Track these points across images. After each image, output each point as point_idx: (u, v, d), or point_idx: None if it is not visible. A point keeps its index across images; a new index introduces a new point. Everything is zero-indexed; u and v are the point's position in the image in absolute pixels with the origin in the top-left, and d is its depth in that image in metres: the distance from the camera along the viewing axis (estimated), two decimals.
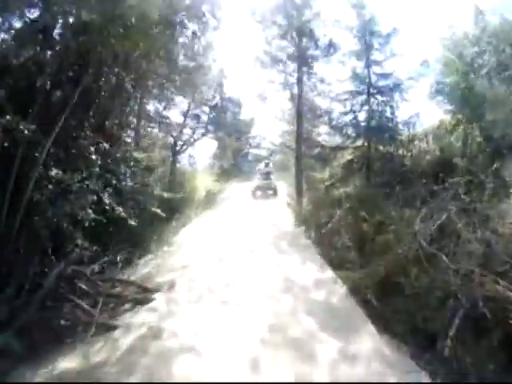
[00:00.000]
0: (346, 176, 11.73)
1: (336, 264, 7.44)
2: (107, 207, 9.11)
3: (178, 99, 20.08)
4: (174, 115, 20.46)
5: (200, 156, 25.09)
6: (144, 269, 7.71)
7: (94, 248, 8.26)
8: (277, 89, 13.68)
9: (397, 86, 13.09)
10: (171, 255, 8.61)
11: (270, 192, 17.65)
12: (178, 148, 19.59)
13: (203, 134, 20.97)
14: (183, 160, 21.15)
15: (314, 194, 12.48)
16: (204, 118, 21.15)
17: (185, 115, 20.01)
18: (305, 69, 13.15)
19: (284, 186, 17.69)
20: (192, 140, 20.79)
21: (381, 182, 10.13)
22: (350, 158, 12.48)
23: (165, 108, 19.80)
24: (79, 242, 7.96)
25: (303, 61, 12.99)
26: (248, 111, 28.53)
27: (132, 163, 11.78)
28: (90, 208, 8.12)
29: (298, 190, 13.90)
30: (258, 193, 17.86)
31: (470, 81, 11.98)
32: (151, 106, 19.46)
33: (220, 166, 25.59)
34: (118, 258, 8.30)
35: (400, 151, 12.21)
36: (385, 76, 13.33)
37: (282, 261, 8.02)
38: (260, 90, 14.20)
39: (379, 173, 11.14)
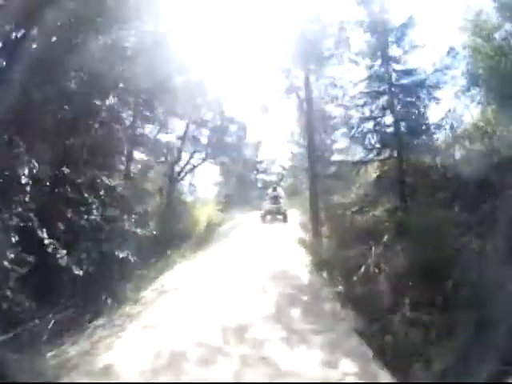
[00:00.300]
0: (377, 197, 8.99)
1: (394, 359, 3.83)
2: (49, 250, 6.70)
3: (174, 121, 18.24)
4: (171, 139, 18.53)
5: (202, 184, 22.85)
6: (76, 346, 4.92)
7: (27, 304, 5.93)
8: (281, 96, 11.28)
9: (422, 83, 10.65)
10: (124, 324, 5.58)
11: (280, 217, 16.02)
12: (175, 175, 17.36)
13: (203, 159, 18.71)
14: (183, 189, 18.91)
15: (335, 223, 9.57)
16: (204, 141, 19.00)
17: (182, 138, 17.90)
18: (312, 67, 10.77)
19: (296, 214, 14.94)
20: (191, 166, 18.59)
21: (426, 202, 7.34)
22: (376, 174, 9.84)
23: (159, 131, 17.87)
24: (8, 293, 5.69)
25: (310, 57, 10.67)
26: (254, 134, 26.55)
27: (102, 192, 9.46)
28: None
29: (313, 219, 10.93)
30: (268, 217, 16.27)
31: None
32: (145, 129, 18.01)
33: (225, 194, 23.15)
34: (52, 322, 5.69)
35: (438, 159, 9.56)
36: (407, 72, 10.93)
37: (294, 357, 4.24)
38: (262, 99, 11.66)
39: (419, 190, 8.37)
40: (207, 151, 18.40)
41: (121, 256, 7.36)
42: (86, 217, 8.14)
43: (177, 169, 17.65)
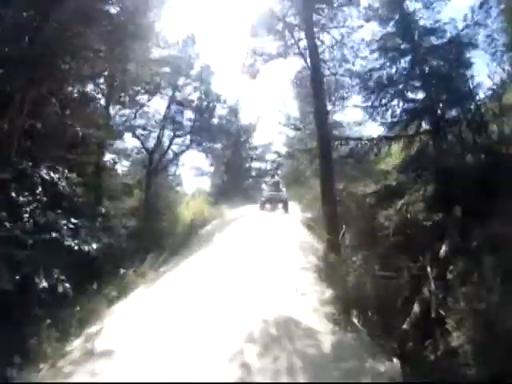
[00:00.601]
0: (407, 185, 6.56)
1: None
2: None
3: (153, 103, 15.75)
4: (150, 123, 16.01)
5: (188, 175, 20.47)
6: None
7: None
8: (275, 53, 8.61)
9: (452, 42, 8.27)
10: None
11: (280, 205, 14.42)
12: (154, 165, 14.90)
13: (188, 146, 16.21)
14: (165, 181, 16.47)
15: (358, 224, 6.58)
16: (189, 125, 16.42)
17: (162, 122, 15.40)
18: (315, 18, 8.19)
19: (297, 209, 12.24)
20: (174, 154, 16.11)
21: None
22: (402, 153, 7.51)
23: (135, 115, 15.34)
24: None
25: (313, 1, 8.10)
26: (247, 117, 24.14)
27: (39, 189, 7.09)
28: None
29: (329, 220, 7.66)
30: (268, 206, 14.70)
31: None
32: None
33: (215, 184, 20.73)
34: None
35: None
36: (431, 30, 8.63)
37: None
38: (251, 61, 8.90)
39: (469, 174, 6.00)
40: (192, 136, 15.89)
41: (43, 285, 4.97)
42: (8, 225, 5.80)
43: (156, 156, 15.20)
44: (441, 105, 7.50)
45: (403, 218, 5.65)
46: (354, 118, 9.92)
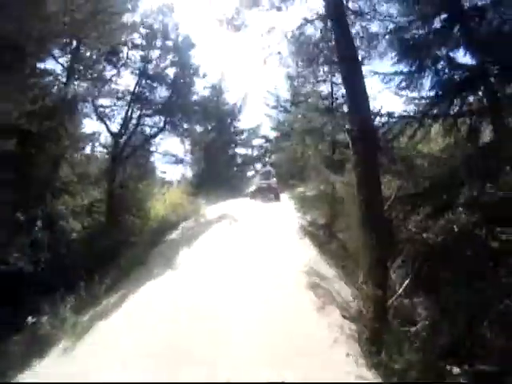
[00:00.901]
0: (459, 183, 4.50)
1: None
2: None
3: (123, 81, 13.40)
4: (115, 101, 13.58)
5: (166, 163, 18.00)
6: None
7: None
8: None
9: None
10: None
11: (271, 195, 14.05)
12: (118, 150, 12.55)
13: (161, 129, 13.84)
14: (134, 171, 14.07)
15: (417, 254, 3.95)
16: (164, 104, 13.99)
17: (131, 101, 13.01)
18: None
19: (291, 209, 9.20)
20: (144, 137, 13.76)
21: None
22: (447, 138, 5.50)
23: (100, 91, 12.90)
24: None
25: None
26: (232, 98, 21.78)
27: None
28: None
29: (374, 257, 4.28)
30: (259, 195, 14.31)
31: None
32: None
33: (195, 174, 18.36)
34: None
35: None
36: None
37: None
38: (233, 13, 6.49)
39: None
40: (166, 117, 13.51)
41: None
42: None
43: (122, 141, 12.84)
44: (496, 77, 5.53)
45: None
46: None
